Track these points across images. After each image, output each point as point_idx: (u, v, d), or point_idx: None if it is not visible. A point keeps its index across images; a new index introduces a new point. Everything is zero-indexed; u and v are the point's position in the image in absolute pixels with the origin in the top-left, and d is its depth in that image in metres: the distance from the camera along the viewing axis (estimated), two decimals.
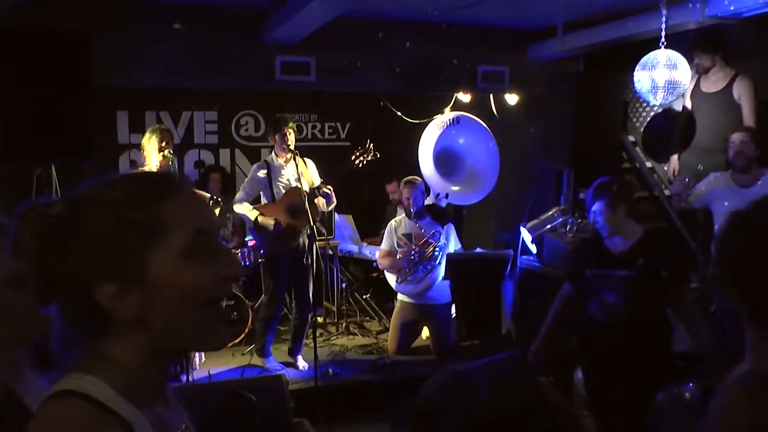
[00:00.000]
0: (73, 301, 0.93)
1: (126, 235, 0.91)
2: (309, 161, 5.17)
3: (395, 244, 5.59)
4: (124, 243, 0.91)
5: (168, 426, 0.98)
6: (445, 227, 5.53)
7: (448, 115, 6.25)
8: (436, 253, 5.42)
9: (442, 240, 5.46)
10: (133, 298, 0.91)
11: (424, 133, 6.18)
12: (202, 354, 5.02)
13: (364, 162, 5.09)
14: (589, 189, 3.51)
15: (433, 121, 6.22)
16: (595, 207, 3.39)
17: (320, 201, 4.99)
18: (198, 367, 5.02)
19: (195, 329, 0.95)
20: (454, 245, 5.55)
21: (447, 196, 6.09)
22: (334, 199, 5.02)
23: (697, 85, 4.89)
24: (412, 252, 5.46)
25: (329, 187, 4.92)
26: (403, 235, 5.56)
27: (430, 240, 5.46)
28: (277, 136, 4.96)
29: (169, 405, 1.02)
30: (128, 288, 0.91)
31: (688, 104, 4.99)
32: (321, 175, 5.14)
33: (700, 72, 4.81)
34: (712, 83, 4.79)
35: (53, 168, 3.98)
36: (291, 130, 4.97)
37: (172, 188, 0.97)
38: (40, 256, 0.92)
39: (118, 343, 0.94)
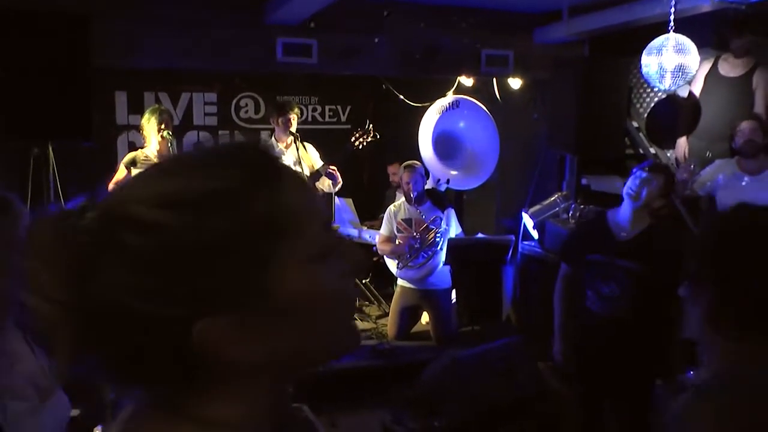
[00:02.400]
0: (145, 353, 0.63)
1: (232, 251, 0.62)
2: (309, 145, 5.13)
3: (395, 230, 5.55)
4: (232, 261, 0.62)
5: None
6: (445, 212, 5.49)
7: (448, 98, 6.19)
8: (438, 239, 5.38)
9: (443, 226, 5.42)
10: (258, 334, 0.64)
11: (423, 117, 6.13)
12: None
13: (364, 143, 5.06)
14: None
15: (432, 105, 6.17)
16: (650, 177, 3.24)
17: (325, 182, 4.96)
18: None
19: (332, 341, 0.72)
20: (454, 230, 5.52)
21: (448, 181, 6.05)
22: (340, 179, 4.99)
23: (714, 67, 4.79)
24: (413, 238, 5.42)
25: (333, 167, 4.88)
26: (402, 220, 5.52)
27: (431, 226, 5.42)
28: (280, 120, 4.92)
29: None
30: (243, 319, 0.63)
31: (697, 89, 4.92)
32: (321, 158, 5.10)
33: (737, 54, 4.66)
34: (732, 67, 4.69)
35: (50, 148, 3.94)
36: (295, 115, 4.94)
37: (278, 169, 0.68)
38: (77, 294, 0.61)
39: (222, 397, 0.66)
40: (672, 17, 4.08)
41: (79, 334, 0.61)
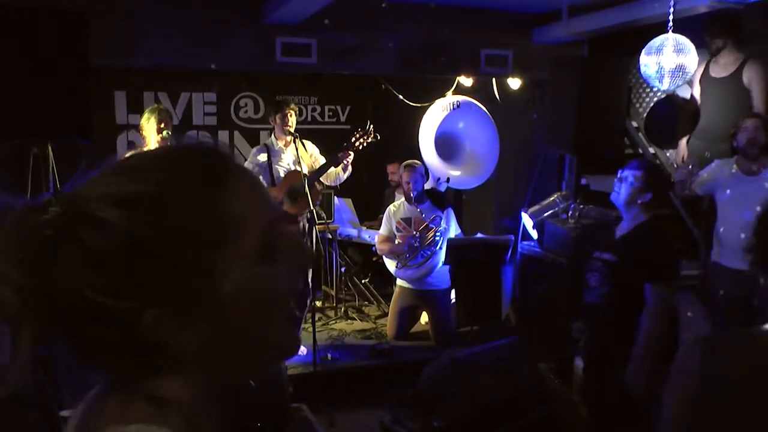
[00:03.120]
0: (102, 341, 0.67)
1: (179, 246, 0.65)
2: (308, 143, 5.13)
3: (394, 229, 5.55)
4: (179, 256, 0.65)
5: None
6: (445, 212, 5.49)
7: (449, 98, 6.19)
8: (437, 239, 5.38)
9: (443, 225, 5.42)
10: (201, 326, 0.67)
11: (425, 116, 6.13)
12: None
13: (364, 144, 5.05)
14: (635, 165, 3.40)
15: (433, 105, 6.16)
16: (631, 171, 3.28)
17: (332, 174, 4.99)
18: None
19: (273, 341, 0.74)
20: (454, 230, 5.52)
21: (448, 180, 6.05)
22: (350, 169, 5.00)
23: (706, 70, 4.81)
24: (413, 237, 5.42)
25: (350, 153, 4.91)
26: (401, 219, 5.52)
27: (430, 225, 5.42)
28: (277, 117, 4.92)
29: None
30: (191, 312, 0.67)
31: (696, 90, 4.93)
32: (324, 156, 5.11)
33: (712, 53, 4.69)
34: (722, 67, 4.71)
35: (50, 148, 3.93)
36: (292, 112, 4.94)
37: (227, 168, 0.70)
38: (36, 285, 0.64)
39: (174, 381, 0.70)
40: (671, 17, 4.09)
41: (39, 319, 0.64)
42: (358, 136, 5.03)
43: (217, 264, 0.67)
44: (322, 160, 5.05)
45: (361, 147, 5.06)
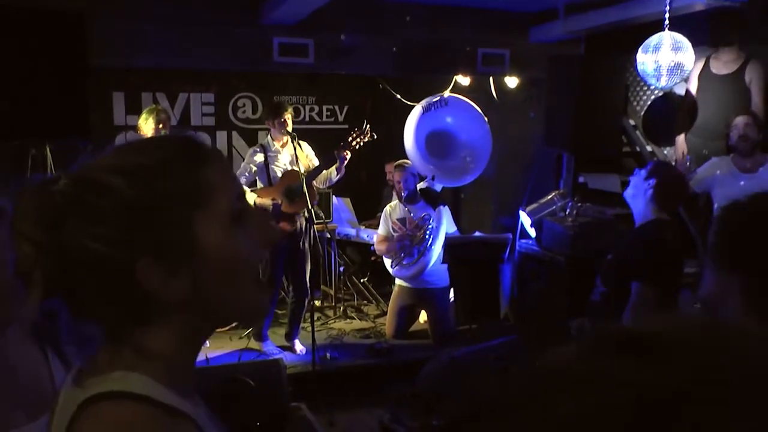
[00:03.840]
0: (102, 290, 0.81)
1: (168, 206, 0.81)
2: (304, 144, 5.13)
3: (390, 230, 5.57)
4: (168, 214, 0.81)
5: (210, 416, 0.90)
6: (437, 210, 5.50)
7: (434, 96, 6.17)
8: (427, 236, 5.40)
9: (433, 223, 5.44)
10: (185, 275, 0.81)
11: (409, 116, 6.13)
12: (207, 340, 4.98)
13: (362, 144, 5.06)
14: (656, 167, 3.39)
15: (418, 104, 6.16)
16: (645, 176, 3.29)
17: (330, 171, 4.99)
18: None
19: (242, 299, 0.88)
20: (447, 228, 5.53)
21: (433, 178, 6.03)
22: (343, 169, 5.00)
23: (706, 66, 4.80)
24: (403, 236, 5.45)
25: (347, 152, 4.90)
26: (397, 220, 5.55)
27: (419, 224, 5.45)
28: (276, 122, 4.92)
29: (196, 393, 0.93)
30: (178, 264, 0.81)
31: (692, 88, 4.94)
32: (319, 159, 5.11)
33: (718, 46, 4.65)
34: (723, 65, 4.71)
35: (48, 148, 3.94)
36: (290, 115, 4.94)
37: (206, 151, 0.88)
38: (51, 239, 0.79)
39: (158, 331, 0.83)
40: (667, 15, 4.10)
41: (51, 270, 0.79)
42: (354, 135, 5.04)
43: (197, 222, 0.82)
44: (316, 162, 5.06)
45: (357, 146, 5.06)
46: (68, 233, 0.79)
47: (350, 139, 5.02)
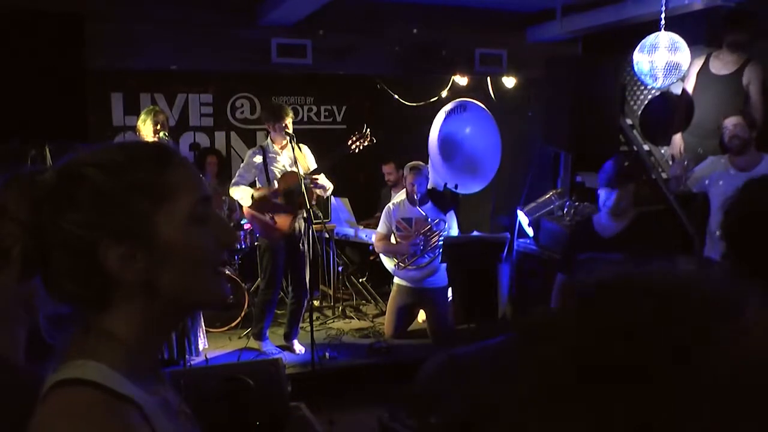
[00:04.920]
0: (72, 269, 0.90)
1: (132, 196, 0.90)
2: (304, 147, 5.14)
3: (394, 228, 5.55)
4: (132, 203, 0.90)
5: (169, 405, 0.97)
6: (447, 214, 5.50)
7: (455, 102, 6.16)
8: (440, 243, 5.40)
9: (447, 229, 5.43)
10: (142, 260, 0.90)
11: (434, 120, 6.09)
12: (206, 340, 4.98)
13: (361, 147, 5.07)
14: (604, 172, 3.50)
15: (442, 109, 6.13)
16: (610, 194, 3.39)
17: (317, 191, 5.00)
18: (200, 353, 4.94)
19: (202, 289, 0.97)
20: (455, 232, 5.53)
21: (456, 187, 6.00)
22: (328, 186, 4.99)
23: (705, 65, 4.81)
24: (418, 240, 5.40)
25: (316, 177, 4.89)
26: (402, 219, 5.53)
27: (434, 228, 5.41)
28: (276, 126, 4.92)
29: (164, 383, 1.01)
30: (136, 249, 0.90)
31: (689, 86, 4.95)
32: (317, 160, 5.11)
33: (735, 50, 4.65)
34: (723, 65, 4.71)
35: (47, 150, 3.94)
36: (290, 118, 4.94)
37: (173, 156, 0.98)
38: (33, 221, 0.90)
39: (120, 316, 0.92)
40: (663, 15, 4.11)
41: (30, 248, 0.90)
42: (354, 138, 5.04)
43: (158, 215, 0.91)
44: (314, 166, 5.07)
45: (357, 150, 5.07)
46: (48, 215, 0.89)
47: (350, 142, 5.03)
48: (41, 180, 0.91)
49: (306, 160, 5.07)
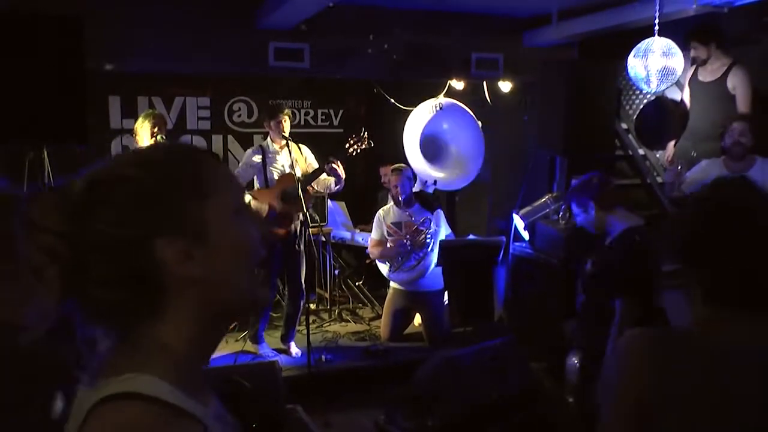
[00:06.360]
0: (118, 275, 0.84)
1: (180, 192, 0.88)
2: (304, 147, 5.16)
3: (385, 233, 5.57)
4: (180, 199, 0.87)
5: (223, 417, 0.93)
6: (434, 213, 5.53)
7: (432, 101, 6.20)
8: (428, 241, 5.42)
9: (433, 227, 5.46)
10: (198, 258, 0.87)
11: (408, 120, 6.16)
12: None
13: (358, 151, 5.09)
14: (570, 190, 3.57)
15: (416, 108, 6.19)
16: (582, 206, 3.42)
17: (322, 182, 5.00)
18: None
19: (246, 290, 0.93)
20: (444, 231, 5.56)
21: (435, 182, 6.08)
22: (343, 178, 4.98)
23: (695, 74, 4.89)
24: (404, 240, 5.45)
25: (337, 162, 4.89)
26: (392, 223, 5.55)
27: (420, 227, 5.46)
28: (272, 123, 4.96)
29: (210, 391, 0.95)
30: (192, 246, 0.87)
31: (686, 94, 5.00)
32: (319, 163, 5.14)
33: (697, 63, 4.80)
34: (709, 72, 4.80)
35: (45, 152, 3.95)
36: (286, 117, 4.97)
37: (206, 152, 0.97)
38: (68, 229, 0.84)
39: (170, 323, 0.87)
40: (657, 21, 4.15)
41: (69, 262, 0.84)
42: (352, 142, 5.07)
43: (207, 208, 0.89)
44: (315, 166, 5.09)
45: (354, 153, 5.09)
46: (88, 221, 0.84)
47: (347, 146, 5.05)
48: (71, 188, 0.86)
49: (306, 161, 5.09)
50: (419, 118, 6.10)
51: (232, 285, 0.91)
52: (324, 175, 5.00)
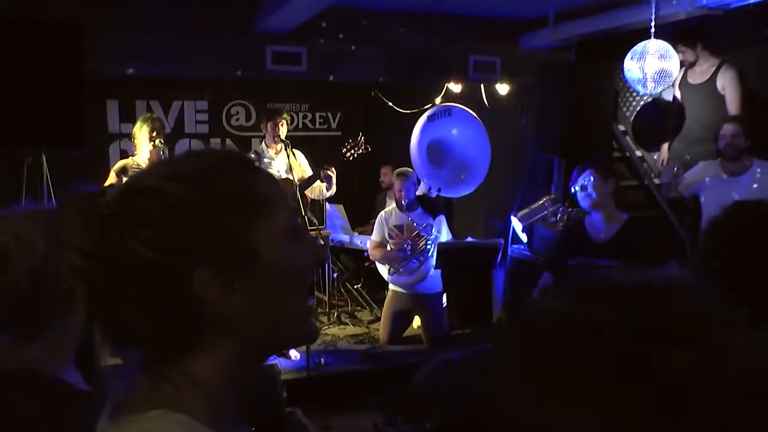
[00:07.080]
0: (152, 304, 0.74)
1: (227, 211, 0.75)
2: (298, 153, 5.17)
3: (386, 236, 5.58)
4: (227, 219, 0.74)
5: None
6: (436, 219, 5.54)
7: (439, 106, 6.22)
8: (428, 246, 5.42)
9: (434, 233, 5.46)
10: (241, 290, 0.75)
11: (416, 125, 6.17)
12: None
13: (356, 155, 5.10)
14: (575, 170, 3.57)
15: (424, 113, 6.20)
16: (584, 176, 3.43)
17: (316, 189, 5.00)
18: None
19: (295, 320, 0.82)
20: (445, 236, 5.56)
21: (440, 190, 6.07)
22: (334, 184, 5.00)
23: (684, 76, 4.92)
24: (405, 244, 5.45)
25: (332, 169, 4.90)
26: (394, 226, 5.56)
27: (422, 233, 5.45)
28: (269, 125, 4.96)
29: (240, 424, 0.85)
30: (237, 274, 0.75)
31: (678, 94, 5.02)
32: (311, 165, 5.14)
33: (685, 66, 4.84)
34: (698, 74, 4.83)
35: (44, 156, 3.96)
36: (284, 121, 4.98)
37: (255, 162, 0.84)
38: (100, 250, 0.73)
39: (205, 357, 0.76)
40: (653, 23, 4.17)
41: (98, 284, 0.74)
42: (349, 146, 5.08)
43: (256, 231, 0.76)
44: (309, 172, 5.09)
45: (352, 158, 5.10)
46: (118, 239, 0.73)
47: (344, 150, 5.06)
48: (103, 201, 0.75)
49: (300, 167, 5.10)
50: (421, 123, 6.08)
51: (279, 320, 0.79)
52: (318, 182, 5.01)
